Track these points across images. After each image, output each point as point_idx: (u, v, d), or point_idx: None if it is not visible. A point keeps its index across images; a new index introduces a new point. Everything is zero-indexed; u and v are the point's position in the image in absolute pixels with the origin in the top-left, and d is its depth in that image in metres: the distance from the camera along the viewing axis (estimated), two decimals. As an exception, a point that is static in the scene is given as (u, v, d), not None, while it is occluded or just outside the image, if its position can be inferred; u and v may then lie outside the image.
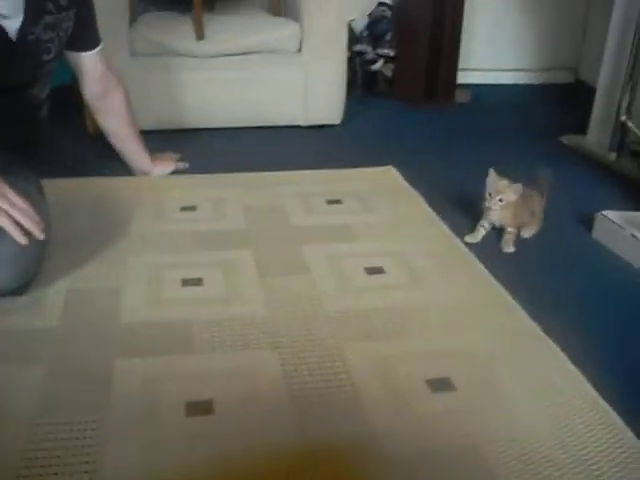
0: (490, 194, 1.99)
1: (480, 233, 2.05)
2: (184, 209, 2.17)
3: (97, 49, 2.15)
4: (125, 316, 1.60)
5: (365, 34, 3.58)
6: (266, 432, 1.27)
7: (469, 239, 2.05)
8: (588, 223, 2.16)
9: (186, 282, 1.75)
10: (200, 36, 2.70)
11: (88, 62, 2.14)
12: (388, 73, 3.69)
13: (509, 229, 2.03)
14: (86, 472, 1.16)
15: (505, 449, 1.25)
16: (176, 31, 2.75)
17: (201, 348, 1.50)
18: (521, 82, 4.13)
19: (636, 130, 2.60)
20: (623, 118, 2.70)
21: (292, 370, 1.44)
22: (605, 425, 1.32)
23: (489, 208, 2.00)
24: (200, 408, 1.32)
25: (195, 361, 1.46)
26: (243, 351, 1.50)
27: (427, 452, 1.24)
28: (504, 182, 1.99)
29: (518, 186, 1.97)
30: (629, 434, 1.29)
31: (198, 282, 1.75)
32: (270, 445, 1.24)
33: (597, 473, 1.20)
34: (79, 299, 1.66)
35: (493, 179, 2.00)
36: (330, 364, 1.46)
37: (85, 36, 2.10)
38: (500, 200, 1.98)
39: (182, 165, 2.47)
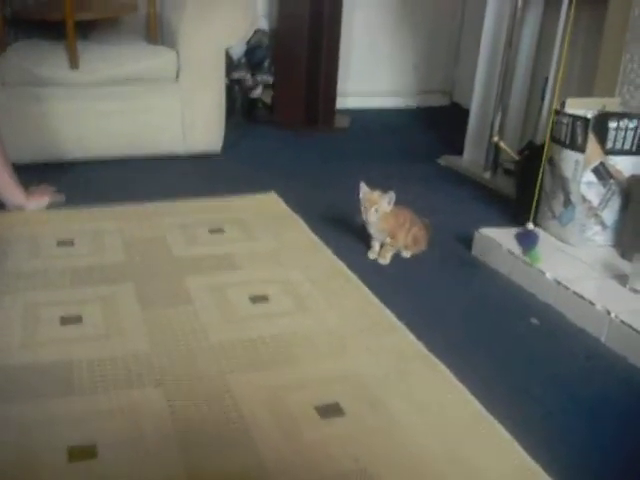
0: (365, 207, 2.02)
1: (377, 247, 2.10)
2: (61, 244, 2.10)
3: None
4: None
5: (243, 61, 3.58)
6: (153, 473, 1.24)
7: (371, 255, 2.10)
8: (467, 241, 2.24)
9: (65, 320, 1.69)
10: (74, 65, 2.63)
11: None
12: (267, 100, 3.71)
13: (388, 240, 2.07)
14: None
15: (395, 470, 1.27)
16: (49, 59, 2.66)
17: (82, 389, 1.44)
18: (398, 106, 4.23)
19: (508, 150, 2.71)
20: (495, 139, 2.81)
21: (178, 406, 1.40)
22: (492, 438, 1.36)
23: (366, 221, 2.03)
24: (83, 452, 1.27)
25: (76, 403, 1.40)
26: (126, 390, 1.45)
27: (317, 480, 1.24)
28: (376, 193, 2.03)
29: (391, 194, 2.02)
30: (516, 446, 1.34)
31: (77, 320, 1.69)
32: (158, 486, 1.21)
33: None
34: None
35: (365, 191, 2.03)
36: (217, 397, 1.44)
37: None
38: (376, 210, 2.01)
39: (58, 198, 2.39)
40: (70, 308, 1.74)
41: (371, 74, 4.14)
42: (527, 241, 2.06)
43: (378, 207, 2.02)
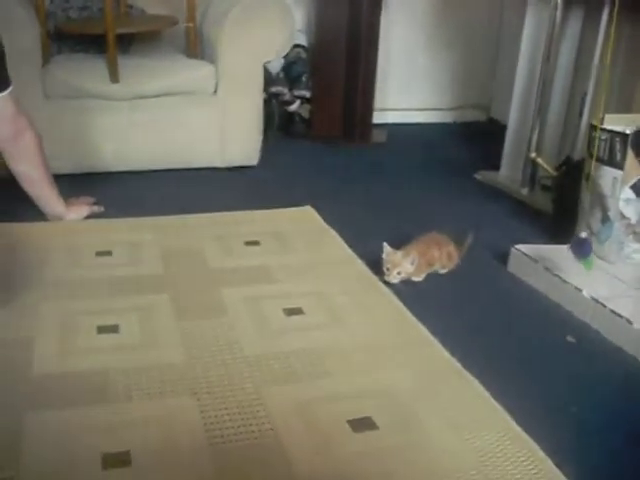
0: (388, 268, 2.01)
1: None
2: (99, 254, 2.13)
3: (7, 91, 2.10)
4: (37, 367, 1.55)
5: (281, 75, 3.61)
6: (186, 482, 1.25)
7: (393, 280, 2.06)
8: (503, 257, 2.22)
9: (101, 329, 1.71)
10: (115, 79, 2.68)
11: (-2, 104, 2.10)
12: (305, 114, 3.73)
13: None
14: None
15: (426, 487, 1.26)
16: (90, 73, 2.72)
17: (117, 397, 1.46)
18: (435, 121, 4.23)
19: (545, 166, 2.69)
20: (533, 155, 2.79)
21: (212, 417, 1.42)
22: (526, 457, 1.34)
23: (390, 282, 2.02)
24: (117, 460, 1.29)
25: (111, 411, 1.42)
26: (161, 399, 1.47)
27: (350, 495, 1.24)
28: (398, 255, 2.01)
29: (413, 257, 2.01)
30: (549, 464, 1.32)
31: (114, 329, 1.72)
32: (190, 496, 1.22)
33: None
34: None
35: (388, 253, 2.02)
36: (250, 409, 1.44)
37: (-7, 78, 2.06)
38: (398, 273, 2.01)
39: (97, 209, 2.43)
40: (107, 318, 1.76)
41: (408, 89, 4.14)
42: (582, 249, 2.02)
43: (401, 269, 2.00)
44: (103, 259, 2.11)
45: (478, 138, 3.88)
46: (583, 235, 1.93)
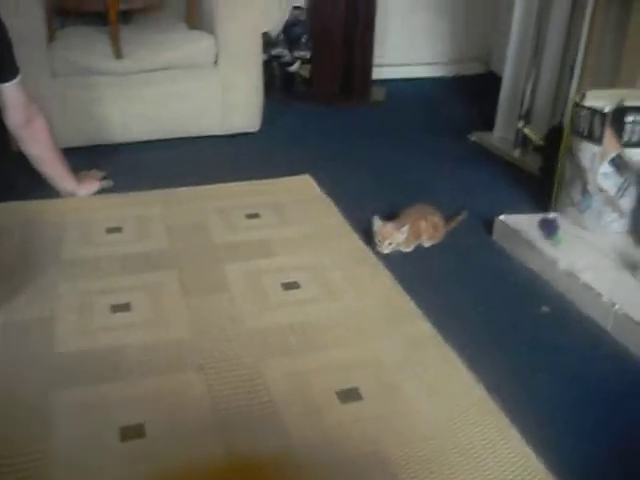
0: (379, 240, 2.15)
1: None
2: (110, 231, 2.28)
3: (17, 79, 2.21)
4: (59, 346, 1.72)
5: (281, 37, 3.69)
6: (195, 451, 1.42)
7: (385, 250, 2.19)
8: (490, 224, 2.35)
9: (115, 308, 1.87)
10: (118, 55, 2.78)
11: (9, 92, 2.21)
12: (305, 74, 3.82)
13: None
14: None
15: (406, 452, 1.42)
16: (95, 51, 2.82)
17: (131, 373, 1.63)
18: (435, 75, 4.28)
19: (532, 136, 2.79)
20: (520, 125, 2.88)
21: (216, 391, 1.58)
22: (493, 424, 1.51)
23: (382, 252, 2.15)
24: (133, 432, 1.46)
25: (125, 387, 1.59)
26: (170, 374, 1.64)
27: (338, 461, 1.41)
28: (389, 227, 2.15)
29: (404, 229, 2.14)
30: (516, 435, 1.48)
31: (126, 307, 1.87)
32: (200, 463, 1.39)
33: (487, 473, 1.38)
34: (16, 331, 1.77)
35: (379, 226, 2.15)
36: (250, 382, 1.61)
37: (4, 67, 2.17)
38: (390, 244, 2.14)
39: (106, 183, 2.57)
40: (120, 296, 1.92)
41: (407, 44, 4.18)
42: (550, 228, 2.17)
43: (392, 240, 2.14)
44: (113, 236, 2.25)
45: (477, 93, 3.92)
46: (551, 216, 2.06)
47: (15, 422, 1.47)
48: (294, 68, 3.80)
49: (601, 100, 2.19)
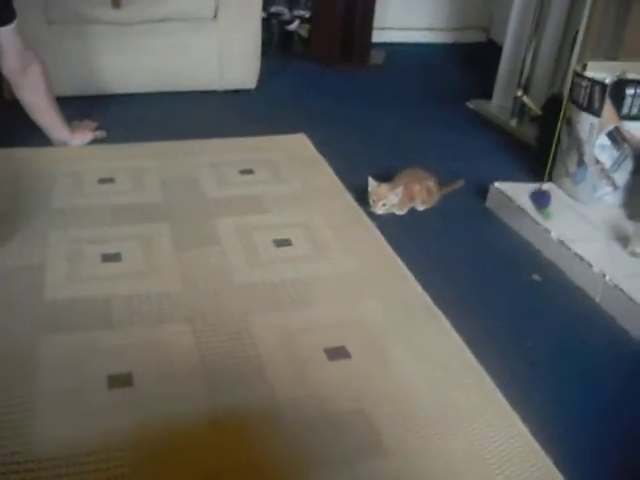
0: (373, 200, 2.14)
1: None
2: (102, 181, 2.26)
3: (13, 24, 2.18)
4: (48, 293, 1.71)
5: (281, -5, 3.65)
6: (181, 401, 1.42)
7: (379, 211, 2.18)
8: (484, 192, 2.35)
9: (106, 257, 1.86)
10: (116, 4, 2.74)
11: (5, 37, 2.17)
12: (304, 34, 3.78)
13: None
14: (19, 445, 1.28)
15: (389, 411, 1.43)
16: (92, -2, 2.78)
17: (120, 323, 1.63)
18: (435, 41, 4.25)
19: (531, 105, 2.77)
20: (519, 94, 2.87)
21: (204, 342, 1.58)
22: (478, 387, 1.52)
23: (375, 212, 2.15)
24: (120, 381, 1.46)
25: (114, 336, 1.59)
26: (159, 325, 1.64)
27: (321, 417, 1.41)
28: (384, 188, 2.14)
29: (398, 191, 2.13)
30: (498, 394, 1.49)
31: (117, 257, 1.87)
32: (185, 414, 1.39)
33: (471, 434, 1.39)
34: (5, 278, 1.76)
35: (373, 187, 2.15)
36: (238, 335, 1.61)
37: (0, 10, 2.13)
38: (383, 205, 2.14)
39: (100, 134, 2.55)
40: (110, 246, 1.91)
41: (409, 7, 4.15)
42: (541, 200, 2.17)
43: (386, 202, 2.13)
44: (106, 186, 2.24)
45: (476, 61, 3.91)
46: (544, 187, 2.06)
47: (1, 366, 1.47)
48: (293, 27, 3.76)
49: (602, 71, 2.18)
